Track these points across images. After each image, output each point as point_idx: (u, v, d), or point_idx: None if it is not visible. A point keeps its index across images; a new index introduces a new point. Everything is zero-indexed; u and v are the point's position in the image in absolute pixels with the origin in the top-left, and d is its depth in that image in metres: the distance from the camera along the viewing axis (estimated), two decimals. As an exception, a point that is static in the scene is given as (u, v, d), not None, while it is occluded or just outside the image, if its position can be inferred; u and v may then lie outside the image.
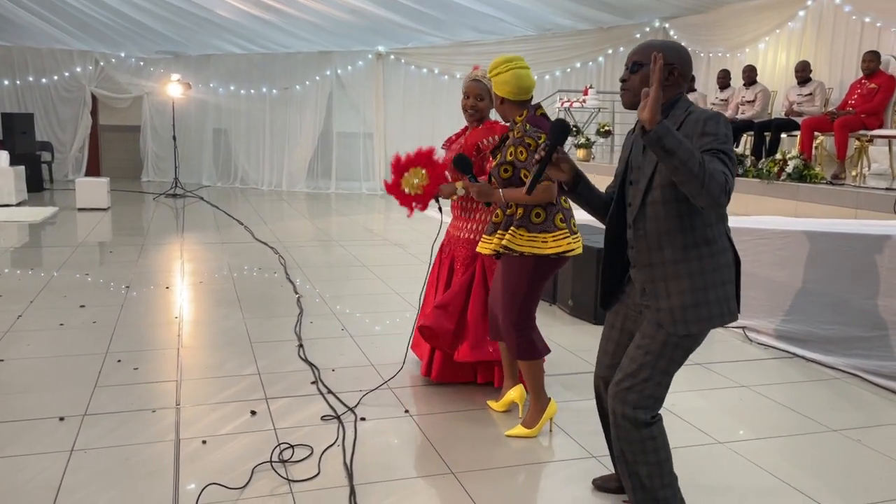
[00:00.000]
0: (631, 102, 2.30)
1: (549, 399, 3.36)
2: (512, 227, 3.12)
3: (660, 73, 1.99)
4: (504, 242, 3.10)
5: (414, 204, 3.67)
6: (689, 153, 1.98)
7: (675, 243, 2.24)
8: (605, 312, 2.60)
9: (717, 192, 2.02)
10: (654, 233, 2.27)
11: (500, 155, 3.22)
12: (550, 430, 3.40)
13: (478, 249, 3.32)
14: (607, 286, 2.51)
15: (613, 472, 2.80)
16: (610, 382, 2.50)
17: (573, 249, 3.15)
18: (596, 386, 2.66)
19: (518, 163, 3.11)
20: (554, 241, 3.10)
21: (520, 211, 3.12)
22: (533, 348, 3.22)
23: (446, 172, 3.65)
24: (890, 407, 3.79)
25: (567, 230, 3.14)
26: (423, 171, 3.60)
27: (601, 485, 2.83)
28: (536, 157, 2.31)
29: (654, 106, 1.98)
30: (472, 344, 3.66)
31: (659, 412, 2.37)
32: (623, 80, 2.33)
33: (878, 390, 4.01)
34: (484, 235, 3.29)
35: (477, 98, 3.58)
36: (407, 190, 3.65)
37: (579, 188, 2.43)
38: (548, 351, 3.30)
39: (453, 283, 3.75)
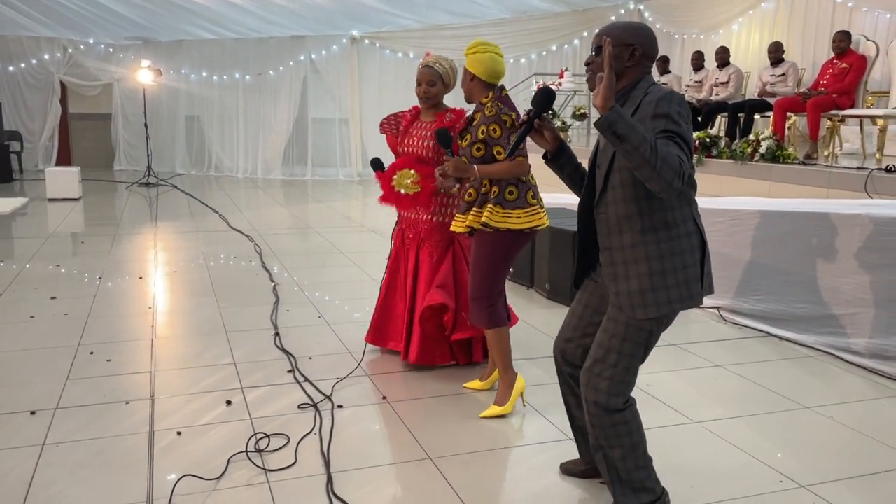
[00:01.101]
0: (595, 85, 2.27)
1: (517, 374, 3.43)
2: (489, 205, 3.21)
3: (609, 58, 2.00)
4: (483, 219, 3.20)
5: (418, 208, 3.76)
6: (640, 138, 1.98)
7: (634, 227, 2.24)
8: (579, 292, 2.61)
9: (670, 176, 2.01)
10: (613, 216, 2.27)
11: (469, 135, 3.28)
12: (524, 406, 3.42)
13: (452, 228, 3.40)
14: (581, 265, 2.52)
15: (578, 455, 2.82)
16: (566, 354, 2.58)
17: (543, 224, 3.31)
18: (555, 357, 2.68)
19: (491, 140, 3.20)
20: (527, 216, 3.24)
21: (495, 189, 3.23)
22: (500, 315, 3.36)
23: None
24: (861, 383, 3.85)
25: (538, 205, 3.30)
26: (412, 171, 3.67)
27: (568, 469, 2.84)
28: (518, 123, 2.32)
29: (606, 92, 1.99)
30: (464, 320, 3.74)
31: (631, 396, 2.38)
32: (588, 63, 2.34)
33: (850, 367, 4.07)
34: (457, 214, 3.38)
35: (429, 84, 3.64)
36: (403, 191, 3.72)
37: (562, 159, 2.46)
38: (512, 320, 3.52)
39: (443, 265, 3.77)
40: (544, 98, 2.38)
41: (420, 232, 3.84)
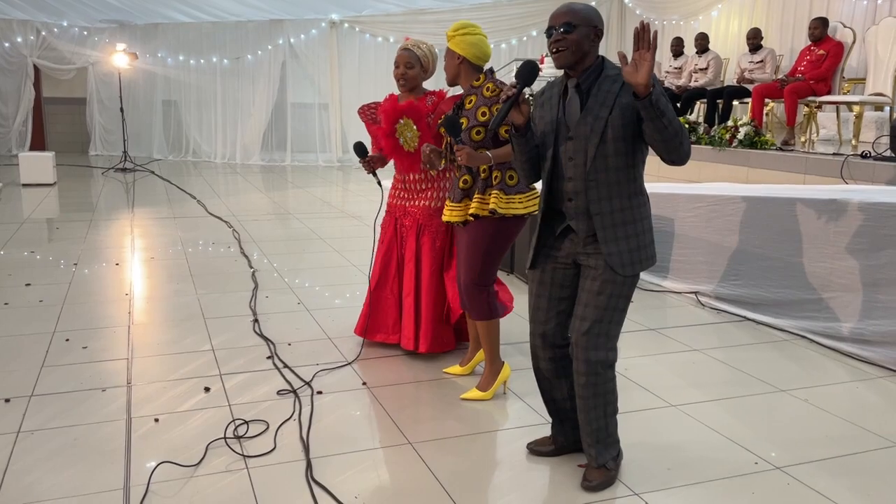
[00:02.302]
0: (569, 61, 2.41)
1: (504, 363, 3.43)
2: (495, 191, 3.18)
3: (652, 41, 2.17)
4: (491, 206, 3.17)
5: (412, 174, 3.64)
6: (673, 113, 2.21)
7: (623, 193, 2.44)
8: (536, 274, 2.66)
9: (688, 145, 2.30)
10: (604, 183, 2.42)
11: (465, 119, 3.23)
12: (504, 393, 3.43)
13: (445, 218, 3.35)
14: (540, 245, 2.62)
15: (550, 434, 2.89)
16: (547, 337, 2.66)
17: (537, 208, 3.29)
18: (533, 345, 2.73)
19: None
20: (528, 200, 3.25)
21: (497, 174, 3.20)
22: (494, 307, 3.35)
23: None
24: (836, 367, 3.91)
25: (535, 189, 3.28)
26: (415, 126, 3.55)
27: (535, 448, 2.88)
28: (503, 97, 2.40)
29: (650, 72, 2.15)
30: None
31: None
32: (557, 41, 2.40)
33: (825, 351, 4.13)
34: (449, 203, 3.32)
35: (406, 66, 3.61)
36: (402, 141, 3.61)
37: (529, 134, 2.54)
38: (506, 310, 3.50)
39: (454, 257, 3.69)
40: (529, 71, 2.47)
41: (417, 219, 3.74)
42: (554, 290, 2.62)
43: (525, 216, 3.27)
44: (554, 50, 2.41)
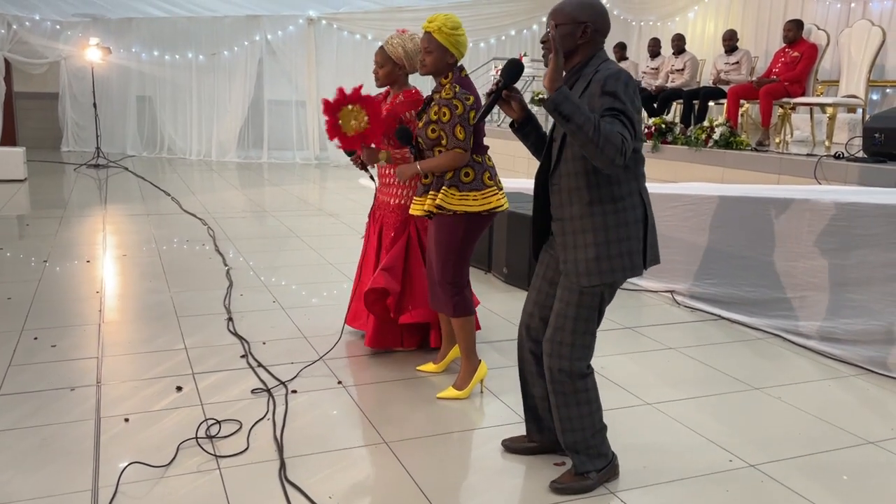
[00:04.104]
0: None
1: (480, 361, 3.42)
2: (444, 187, 3.16)
3: (554, 42, 2.13)
4: (437, 202, 3.15)
5: (362, 143, 3.47)
6: (584, 118, 2.09)
7: (583, 199, 2.35)
8: (537, 266, 2.67)
9: (612, 153, 2.12)
10: (565, 188, 2.38)
11: (425, 115, 3.23)
12: (482, 393, 3.42)
13: (410, 212, 3.37)
14: (537, 235, 2.60)
15: (525, 432, 2.87)
16: (530, 329, 2.65)
17: (502, 206, 3.26)
18: (519, 333, 2.74)
19: (440, 123, 3.13)
20: (483, 198, 3.19)
21: (449, 172, 3.16)
22: (466, 304, 3.33)
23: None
24: (809, 365, 3.94)
25: (495, 187, 3.25)
26: (363, 113, 3.42)
27: (510, 446, 2.87)
28: (486, 92, 2.45)
29: (553, 74, 2.12)
30: (417, 305, 3.70)
31: (590, 364, 2.51)
32: (543, 41, 2.37)
33: (799, 349, 4.17)
34: (415, 198, 3.35)
35: (378, 65, 3.63)
36: (346, 131, 3.50)
37: (527, 127, 2.54)
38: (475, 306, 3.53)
39: (394, 247, 3.73)
40: (513, 70, 2.45)
41: (384, 213, 3.80)
42: (544, 286, 2.61)
43: (485, 214, 3.20)
44: (542, 49, 2.40)
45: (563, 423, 2.53)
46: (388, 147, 3.54)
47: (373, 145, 3.48)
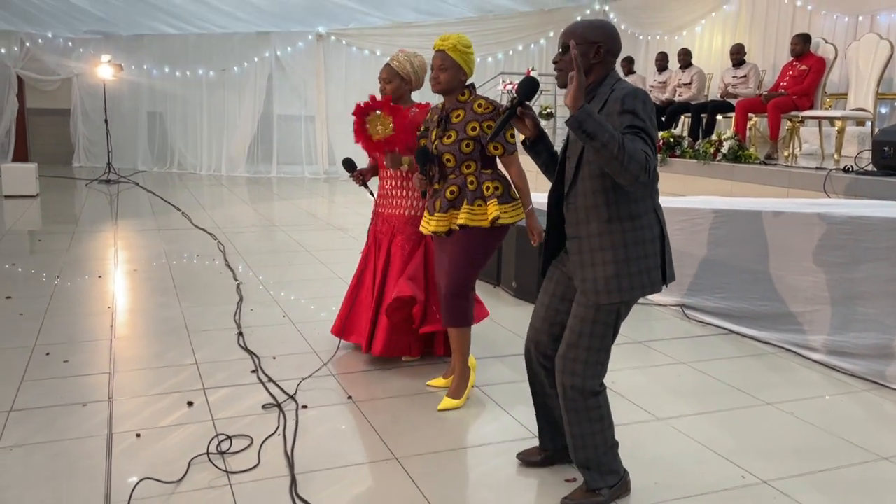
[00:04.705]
0: (563, 82, 2.37)
1: (470, 369, 3.51)
2: (492, 201, 3.22)
3: (577, 61, 2.12)
4: (492, 215, 3.20)
5: (385, 149, 3.56)
6: (609, 136, 2.10)
7: (601, 217, 2.36)
8: (545, 282, 2.67)
9: (637, 170, 2.13)
10: (582, 206, 2.39)
11: (454, 132, 3.25)
12: (470, 387, 3.42)
13: (432, 228, 3.32)
14: (549, 252, 2.60)
15: (539, 444, 2.88)
16: (539, 345, 2.65)
17: (522, 217, 3.37)
18: (526, 349, 2.74)
19: (483, 137, 3.21)
20: (512, 210, 3.30)
21: (488, 185, 3.25)
22: (470, 315, 3.40)
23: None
24: (820, 380, 3.92)
25: (517, 201, 3.33)
26: (390, 119, 3.50)
27: (525, 459, 2.88)
28: (501, 109, 2.49)
29: (576, 92, 2.12)
30: (435, 314, 3.75)
31: (603, 382, 2.50)
32: (556, 62, 2.41)
33: (810, 364, 4.14)
34: (437, 213, 3.30)
35: (385, 81, 3.70)
36: (369, 127, 3.57)
37: (539, 145, 2.56)
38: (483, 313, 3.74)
39: (414, 258, 3.76)
40: (528, 86, 2.48)
41: (394, 226, 3.82)
42: (553, 302, 2.61)
43: (509, 226, 3.32)
44: (554, 69, 2.44)
45: (576, 439, 2.53)
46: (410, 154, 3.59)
47: (396, 150, 3.54)
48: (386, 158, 3.61)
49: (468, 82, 3.34)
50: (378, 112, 3.51)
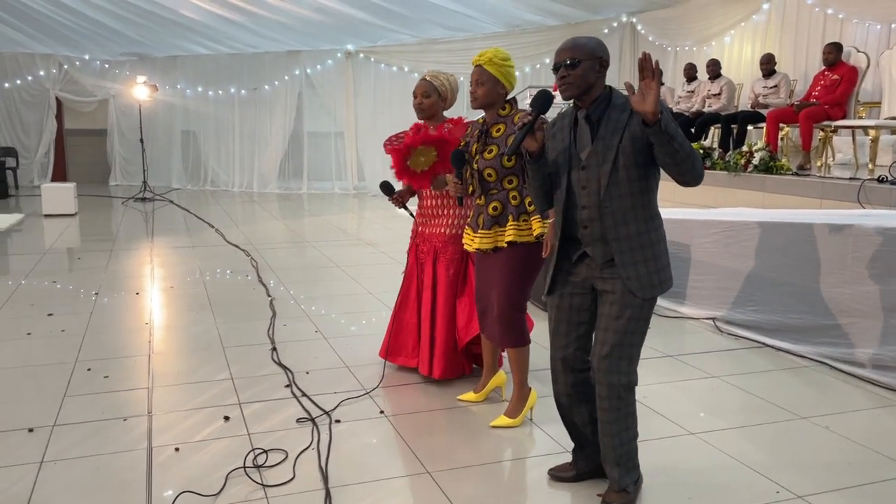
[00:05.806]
0: (575, 93, 2.50)
1: (531, 389, 3.44)
2: (535, 217, 3.23)
3: (656, 67, 2.23)
4: (538, 231, 3.21)
5: (432, 176, 3.59)
6: (683, 136, 2.27)
7: (638, 217, 2.49)
8: (555, 299, 2.70)
9: (700, 167, 2.36)
10: (619, 209, 2.48)
11: (496, 147, 3.23)
12: (531, 419, 3.43)
13: (477, 245, 3.29)
14: (557, 271, 2.66)
15: (571, 460, 2.90)
16: (567, 360, 2.69)
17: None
18: (553, 370, 2.75)
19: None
20: (547, 224, 3.27)
21: (527, 200, 3.24)
22: (526, 332, 3.41)
23: None
24: (857, 393, 3.86)
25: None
26: (431, 148, 3.52)
27: (556, 475, 2.88)
28: (519, 124, 2.60)
29: (657, 98, 2.23)
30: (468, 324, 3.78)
31: None
32: (563, 77, 2.48)
33: (846, 377, 4.09)
34: (482, 231, 3.27)
35: (423, 96, 3.68)
36: (416, 169, 3.58)
37: (542, 159, 2.61)
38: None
39: (468, 281, 3.78)
40: (544, 100, 2.54)
41: (434, 246, 3.81)
42: (572, 315, 2.65)
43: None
44: (561, 84, 2.50)
45: (614, 438, 2.58)
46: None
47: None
48: (433, 184, 3.60)
49: (509, 96, 3.31)
50: (422, 147, 3.52)
